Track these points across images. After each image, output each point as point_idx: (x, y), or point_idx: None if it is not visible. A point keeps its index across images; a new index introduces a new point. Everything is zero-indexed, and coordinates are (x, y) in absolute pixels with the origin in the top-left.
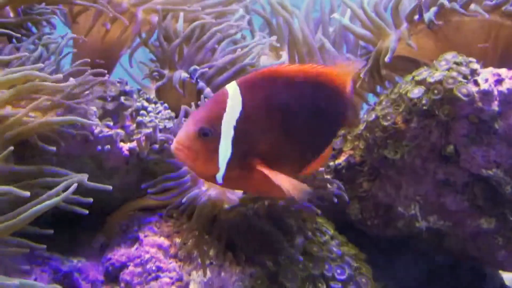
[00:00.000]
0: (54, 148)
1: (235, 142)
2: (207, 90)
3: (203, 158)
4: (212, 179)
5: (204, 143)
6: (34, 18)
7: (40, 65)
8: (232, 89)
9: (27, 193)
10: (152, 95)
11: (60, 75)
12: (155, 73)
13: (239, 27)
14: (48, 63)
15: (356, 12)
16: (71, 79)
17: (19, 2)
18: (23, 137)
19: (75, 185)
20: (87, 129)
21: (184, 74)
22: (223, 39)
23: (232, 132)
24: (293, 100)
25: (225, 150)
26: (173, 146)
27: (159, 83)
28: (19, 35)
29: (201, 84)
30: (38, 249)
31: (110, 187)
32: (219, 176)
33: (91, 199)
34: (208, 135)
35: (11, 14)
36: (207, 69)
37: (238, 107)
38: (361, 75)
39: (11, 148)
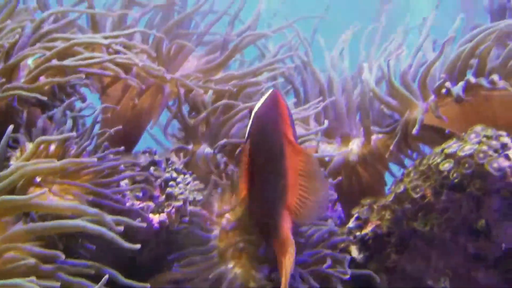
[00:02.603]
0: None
1: None
2: (231, 165)
3: None
4: None
5: None
6: (66, 89)
7: (73, 134)
8: None
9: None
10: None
11: (94, 159)
12: (180, 152)
13: None
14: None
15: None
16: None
17: (53, 73)
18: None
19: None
20: (120, 203)
21: (208, 150)
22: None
23: None
24: None
25: None
26: None
27: (185, 159)
28: (45, 98)
29: (223, 160)
30: None
31: None
32: None
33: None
34: None
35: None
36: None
37: None
38: (391, 148)
39: None
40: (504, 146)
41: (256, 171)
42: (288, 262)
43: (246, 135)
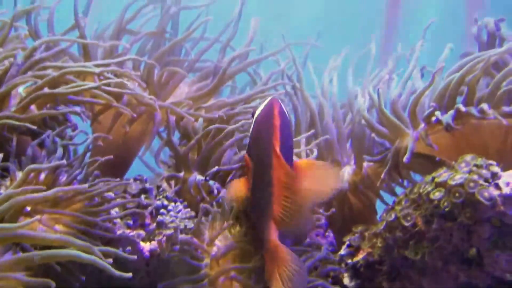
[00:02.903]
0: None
1: None
2: (223, 191)
3: None
4: None
5: None
6: (57, 117)
7: (63, 162)
8: None
9: None
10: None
11: (85, 185)
12: (171, 180)
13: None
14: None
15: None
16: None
17: (44, 101)
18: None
19: None
20: (111, 231)
21: (199, 177)
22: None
23: None
24: None
25: None
26: None
27: (176, 188)
28: (35, 128)
29: (215, 186)
30: None
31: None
32: None
33: None
34: None
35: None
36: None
37: None
38: (382, 176)
39: None
40: (494, 175)
41: (252, 176)
42: (281, 269)
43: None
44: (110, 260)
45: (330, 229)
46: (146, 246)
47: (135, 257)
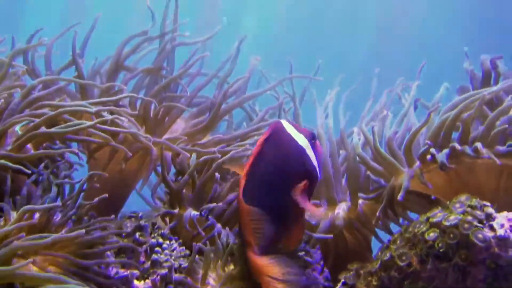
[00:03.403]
0: None
1: None
2: (218, 225)
3: None
4: None
5: None
6: (51, 155)
7: (57, 204)
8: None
9: None
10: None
11: (82, 231)
12: (166, 217)
13: None
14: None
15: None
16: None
17: (40, 140)
18: None
19: None
20: (104, 272)
21: (194, 213)
22: None
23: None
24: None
25: None
26: None
27: (171, 224)
28: (29, 172)
29: (211, 220)
30: None
31: None
32: None
33: None
34: None
35: (32, 151)
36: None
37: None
38: (377, 214)
39: None
40: (488, 217)
41: None
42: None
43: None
44: None
45: (325, 266)
46: (140, 286)
47: None
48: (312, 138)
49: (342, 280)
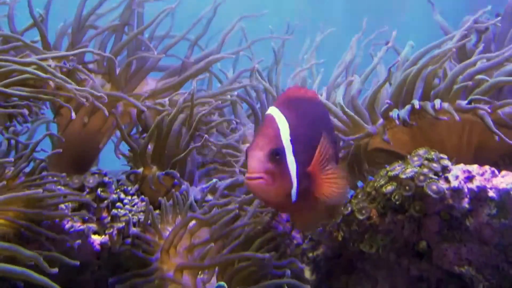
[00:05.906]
0: None
1: (295, 153)
2: (185, 184)
3: (280, 176)
4: (287, 201)
5: (277, 163)
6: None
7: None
8: (275, 112)
9: None
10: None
11: (40, 190)
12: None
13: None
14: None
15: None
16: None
17: None
18: None
19: None
20: (58, 226)
21: (159, 173)
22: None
23: (290, 146)
24: (316, 113)
25: (291, 163)
26: (248, 181)
27: (137, 186)
28: None
29: (176, 176)
30: None
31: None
32: (294, 191)
33: None
34: (278, 154)
35: None
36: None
37: (286, 123)
38: None
39: None
40: (444, 169)
41: None
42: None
43: None
44: (56, 270)
45: None
46: (97, 240)
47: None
48: None
49: (309, 236)
